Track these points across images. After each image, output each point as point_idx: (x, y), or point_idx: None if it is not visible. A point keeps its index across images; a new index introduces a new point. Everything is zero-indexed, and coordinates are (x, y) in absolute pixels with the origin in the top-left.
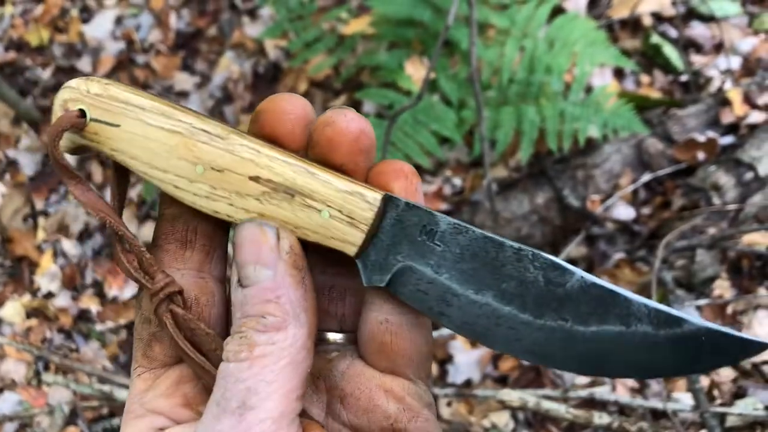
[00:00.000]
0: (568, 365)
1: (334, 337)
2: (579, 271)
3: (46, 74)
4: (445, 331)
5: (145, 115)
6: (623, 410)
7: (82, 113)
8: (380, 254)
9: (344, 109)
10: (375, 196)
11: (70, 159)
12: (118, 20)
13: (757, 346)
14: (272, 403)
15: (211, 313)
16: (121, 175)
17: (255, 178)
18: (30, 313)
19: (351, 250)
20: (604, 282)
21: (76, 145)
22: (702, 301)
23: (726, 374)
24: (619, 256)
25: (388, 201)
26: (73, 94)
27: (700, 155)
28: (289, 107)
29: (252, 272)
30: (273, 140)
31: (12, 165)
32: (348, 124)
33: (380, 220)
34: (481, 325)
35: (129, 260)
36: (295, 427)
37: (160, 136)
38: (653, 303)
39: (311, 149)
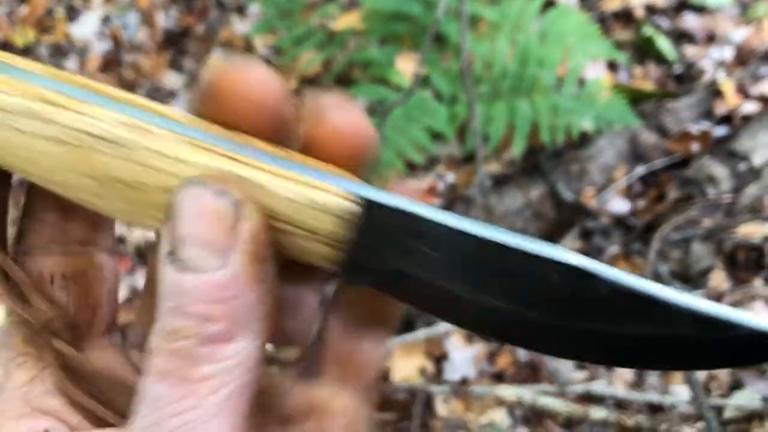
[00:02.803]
0: (600, 358)
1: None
2: (608, 274)
3: None
4: (440, 328)
5: (13, 120)
6: (620, 404)
7: None
8: (362, 257)
9: (338, 99)
10: (347, 208)
11: None
12: (105, 19)
13: None
14: None
15: (104, 301)
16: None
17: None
18: None
19: (326, 265)
20: (636, 282)
21: None
22: (698, 293)
23: None
24: (614, 249)
25: (368, 207)
26: None
27: (694, 147)
28: (253, 89)
29: (197, 255)
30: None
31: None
32: (346, 127)
33: (361, 220)
34: (495, 326)
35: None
36: None
37: (41, 147)
38: (696, 304)
39: (297, 146)
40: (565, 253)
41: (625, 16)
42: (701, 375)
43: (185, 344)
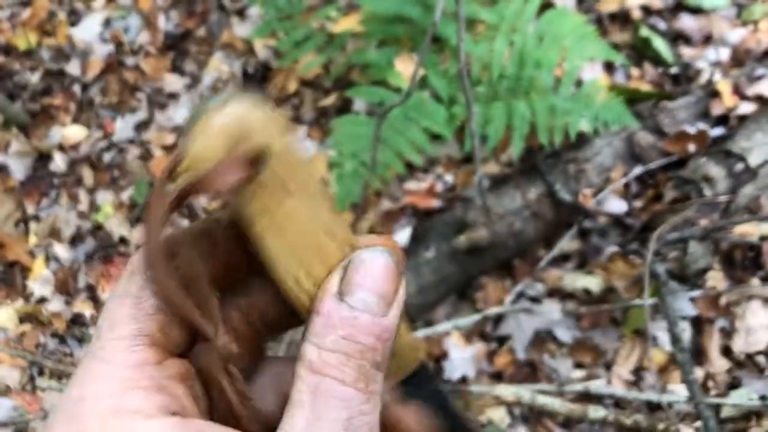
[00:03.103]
0: None
1: None
2: None
3: (34, 78)
4: (439, 328)
5: (306, 198)
6: (618, 403)
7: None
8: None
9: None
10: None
11: (61, 160)
12: (106, 22)
13: None
14: None
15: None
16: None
17: None
18: (23, 319)
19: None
20: None
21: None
22: (695, 293)
23: (720, 365)
24: (612, 249)
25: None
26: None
27: (691, 147)
28: None
29: (371, 301)
30: None
31: (2, 170)
32: None
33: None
34: None
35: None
36: None
37: (315, 229)
38: None
39: None
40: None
41: (622, 18)
42: (699, 374)
43: (365, 365)
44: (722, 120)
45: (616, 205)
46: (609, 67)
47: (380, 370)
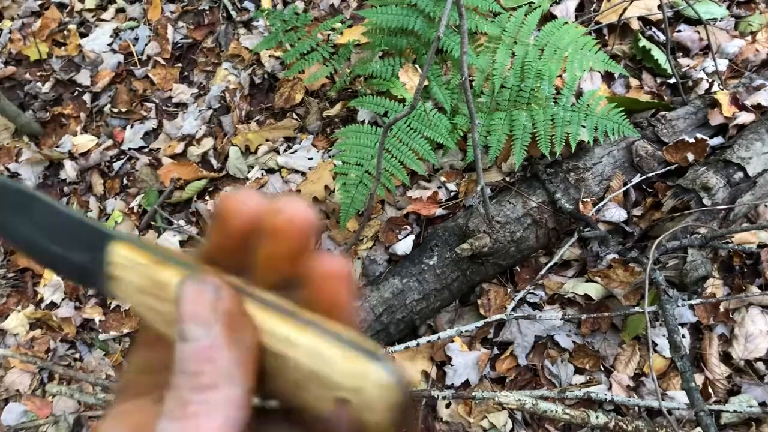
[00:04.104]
0: None
1: None
2: None
3: (45, 88)
4: (443, 334)
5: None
6: (619, 409)
7: None
8: None
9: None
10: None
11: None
12: (116, 33)
13: None
14: None
15: None
16: None
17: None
18: (33, 324)
19: None
20: None
21: None
22: (695, 300)
23: (720, 371)
24: (611, 257)
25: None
26: None
27: (690, 156)
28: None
29: (190, 330)
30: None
31: (13, 178)
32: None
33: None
34: None
35: None
36: None
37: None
38: None
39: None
40: None
41: (621, 29)
42: (698, 380)
43: (181, 393)
44: (721, 130)
45: (616, 214)
46: (609, 77)
47: (211, 388)
